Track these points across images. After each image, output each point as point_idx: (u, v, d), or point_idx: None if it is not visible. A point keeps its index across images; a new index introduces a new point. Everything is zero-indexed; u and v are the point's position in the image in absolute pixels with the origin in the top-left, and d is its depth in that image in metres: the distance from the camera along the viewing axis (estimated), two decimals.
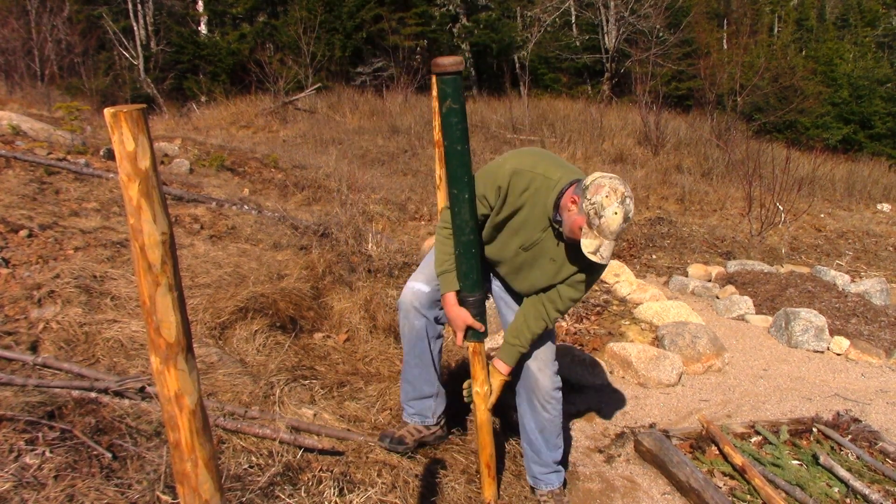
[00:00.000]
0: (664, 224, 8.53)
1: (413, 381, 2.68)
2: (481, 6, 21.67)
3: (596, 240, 2.12)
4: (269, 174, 8.13)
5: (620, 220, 2.08)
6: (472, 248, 2.27)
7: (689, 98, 21.06)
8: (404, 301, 2.58)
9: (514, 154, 2.36)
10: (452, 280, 2.37)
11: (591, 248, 2.12)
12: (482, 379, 2.46)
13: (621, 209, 2.07)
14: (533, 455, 2.73)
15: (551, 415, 2.63)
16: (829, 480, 3.07)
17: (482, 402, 2.46)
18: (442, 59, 2.03)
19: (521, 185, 2.27)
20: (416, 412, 2.70)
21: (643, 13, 20.25)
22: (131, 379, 2.63)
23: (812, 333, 5.05)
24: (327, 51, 18.37)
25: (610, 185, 2.09)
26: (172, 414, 1.17)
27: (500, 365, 2.50)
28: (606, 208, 2.07)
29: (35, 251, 3.66)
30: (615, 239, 2.12)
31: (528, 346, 2.48)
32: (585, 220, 2.11)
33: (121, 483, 2.10)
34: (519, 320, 2.48)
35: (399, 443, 2.58)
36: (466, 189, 2.19)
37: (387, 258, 5.20)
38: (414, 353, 2.62)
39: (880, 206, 12.76)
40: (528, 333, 2.45)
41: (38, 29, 14.16)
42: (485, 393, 2.46)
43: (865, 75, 23.60)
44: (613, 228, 2.08)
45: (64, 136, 6.36)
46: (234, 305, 3.49)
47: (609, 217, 2.07)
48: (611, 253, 2.13)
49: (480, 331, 2.40)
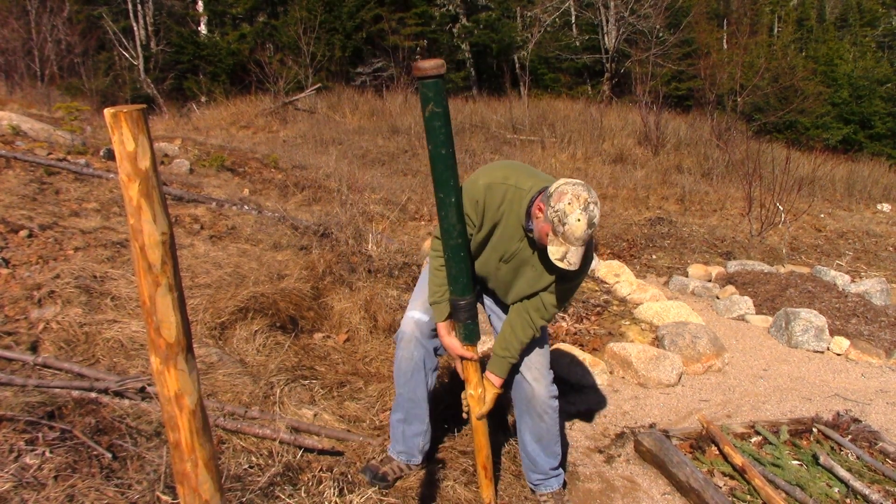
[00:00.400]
0: (664, 224, 8.53)
1: (405, 418, 2.64)
2: (481, 6, 21.67)
3: (562, 246, 2.12)
4: (269, 174, 8.13)
5: (584, 227, 2.08)
6: (460, 252, 2.27)
7: (689, 98, 21.06)
8: (405, 332, 2.55)
9: (485, 169, 2.39)
10: (445, 310, 2.40)
11: (557, 254, 2.13)
12: (475, 381, 2.44)
13: (584, 216, 2.08)
14: (530, 464, 2.74)
15: (548, 423, 2.63)
16: (829, 480, 3.07)
17: (476, 405, 2.45)
18: (423, 62, 2.01)
19: (497, 198, 2.30)
20: (404, 450, 2.66)
21: (643, 13, 20.25)
22: (131, 379, 2.63)
23: (812, 333, 5.05)
24: (327, 51, 18.37)
25: (573, 192, 2.09)
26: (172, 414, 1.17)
27: (493, 378, 2.49)
28: (569, 215, 2.07)
29: (35, 251, 3.66)
30: (582, 245, 2.12)
31: (517, 357, 2.48)
32: (551, 227, 2.12)
33: (121, 483, 2.10)
34: (506, 331, 2.48)
35: (382, 479, 2.57)
36: (452, 193, 2.18)
37: (387, 258, 5.20)
38: (409, 385, 2.59)
39: (880, 206, 12.76)
40: (517, 343, 2.45)
41: (38, 29, 14.16)
42: (479, 396, 2.45)
43: (865, 75, 23.60)
44: (578, 235, 2.09)
45: (64, 136, 6.36)
46: (234, 305, 3.49)
47: (573, 224, 2.08)
48: (579, 258, 2.13)
49: (474, 359, 2.40)
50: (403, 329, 2.56)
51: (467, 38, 21.08)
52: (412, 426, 2.63)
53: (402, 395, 2.61)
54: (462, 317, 2.35)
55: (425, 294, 2.54)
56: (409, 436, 2.64)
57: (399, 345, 2.58)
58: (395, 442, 2.68)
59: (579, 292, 5.49)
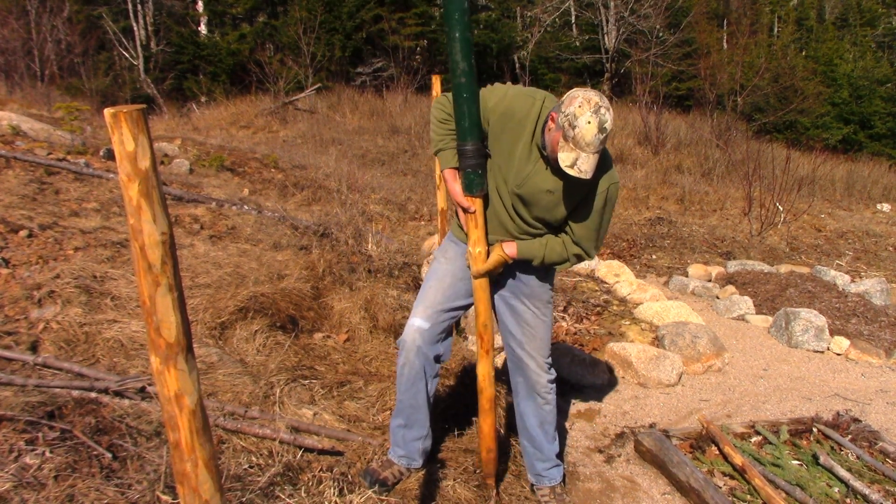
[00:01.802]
0: (664, 224, 8.53)
1: (406, 423, 2.62)
2: (481, 6, 21.68)
3: (572, 153, 2.06)
4: (268, 174, 8.13)
5: (595, 130, 2.02)
6: (462, 93, 2.19)
7: (689, 98, 21.07)
8: (406, 340, 2.52)
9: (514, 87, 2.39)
10: (451, 157, 2.34)
11: (567, 161, 2.07)
12: (474, 238, 2.36)
13: (595, 118, 2.02)
14: (535, 451, 2.73)
15: (550, 405, 2.67)
16: (829, 480, 3.07)
17: (475, 263, 2.38)
18: None
19: (499, 91, 2.30)
20: (405, 454, 2.65)
21: (643, 13, 20.26)
22: (131, 379, 2.63)
23: (812, 333, 5.05)
24: (327, 51, 18.37)
25: (584, 96, 2.05)
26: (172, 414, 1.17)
27: (510, 248, 2.41)
28: (579, 118, 2.02)
29: (35, 251, 3.66)
30: (594, 152, 2.05)
31: (538, 262, 2.41)
32: (561, 133, 2.07)
33: (121, 483, 2.10)
34: (539, 242, 2.41)
35: (382, 484, 2.55)
36: (458, 27, 2.13)
37: (387, 258, 5.20)
38: (410, 392, 2.57)
39: (880, 206, 12.76)
40: (541, 254, 2.39)
41: (38, 29, 14.16)
42: (478, 254, 2.37)
43: (865, 75, 23.61)
44: (589, 139, 2.03)
45: (64, 136, 6.36)
46: (234, 305, 3.49)
47: (583, 127, 2.02)
48: (590, 167, 2.07)
49: (471, 210, 2.32)
50: (405, 337, 2.54)
51: None
52: (412, 431, 2.63)
53: (403, 401, 2.60)
54: (464, 164, 2.28)
55: (428, 299, 2.52)
56: (410, 440, 2.64)
57: (401, 352, 2.56)
58: (395, 446, 2.67)
59: (579, 292, 5.49)
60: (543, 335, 2.61)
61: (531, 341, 2.60)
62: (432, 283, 2.56)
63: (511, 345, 2.64)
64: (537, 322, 2.59)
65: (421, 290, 2.61)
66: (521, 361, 2.62)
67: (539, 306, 2.58)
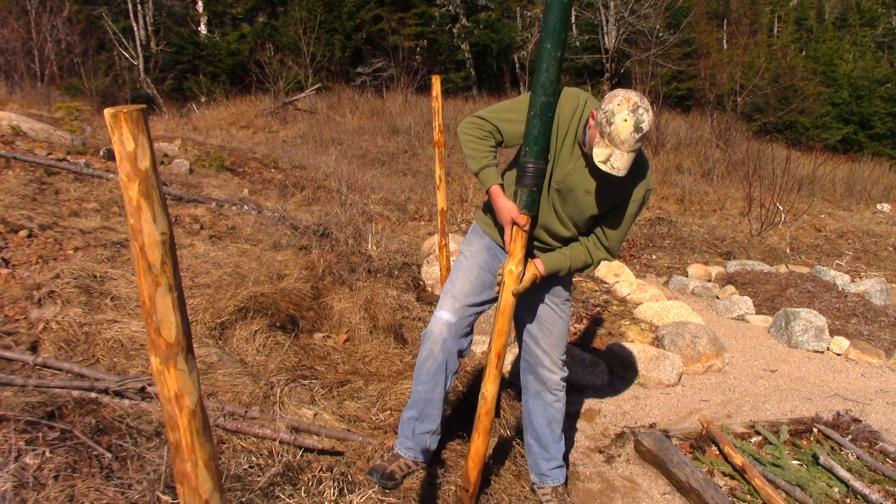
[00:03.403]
0: (664, 224, 8.53)
1: (418, 416, 2.61)
2: (481, 6, 21.68)
3: (607, 149, 2.09)
4: (268, 174, 8.13)
5: (630, 129, 2.04)
6: (548, 112, 2.19)
7: (689, 98, 21.07)
8: (433, 332, 2.51)
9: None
10: (494, 174, 2.36)
11: (601, 157, 2.09)
12: (519, 258, 2.33)
13: (632, 117, 2.04)
14: (541, 450, 2.73)
15: (560, 404, 2.68)
16: (829, 480, 3.07)
17: (512, 282, 2.34)
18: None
19: (569, 108, 2.32)
20: (413, 446, 2.64)
21: (643, 13, 20.25)
22: (131, 379, 2.63)
23: (812, 333, 5.05)
24: (327, 51, 18.38)
25: (624, 95, 2.08)
26: (172, 414, 1.17)
27: (540, 264, 2.43)
28: (616, 115, 2.04)
29: (35, 251, 3.66)
30: (629, 150, 2.07)
31: (565, 272, 2.43)
32: (599, 129, 2.10)
33: (121, 483, 2.10)
34: (563, 254, 2.43)
35: (389, 478, 2.54)
36: (559, 48, 2.11)
37: (387, 258, 5.20)
38: (428, 385, 2.55)
39: (880, 207, 12.76)
40: (567, 263, 2.42)
41: (38, 29, 14.16)
42: (518, 274, 2.34)
43: (865, 75, 23.61)
44: (624, 137, 2.05)
45: (64, 136, 6.36)
46: (234, 305, 3.49)
47: (618, 124, 2.04)
48: (625, 165, 2.08)
49: (525, 228, 2.30)
50: (431, 329, 2.51)
51: (467, 38, 21.08)
52: (423, 424, 2.62)
53: (420, 393, 2.58)
54: (528, 182, 2.26)
55: (455, 292, 2.51)
56: (419, 433, 2.63)
57: (424, 343, 2.54)
58: (403, 437, 2.66)
59: (579, 292, 5.49)
60: (560, 332, 2.62)
61: (547, 337, 2.60)
62: (459, 276, 2.56)
63: (526, 340, 2.64)
64: (555, 319, 2.59)
65: (447, 283, 2.60)
66: (535, 357, 2.62)
67: (557, 303, 2.59)
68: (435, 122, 4.02)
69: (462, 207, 8.27)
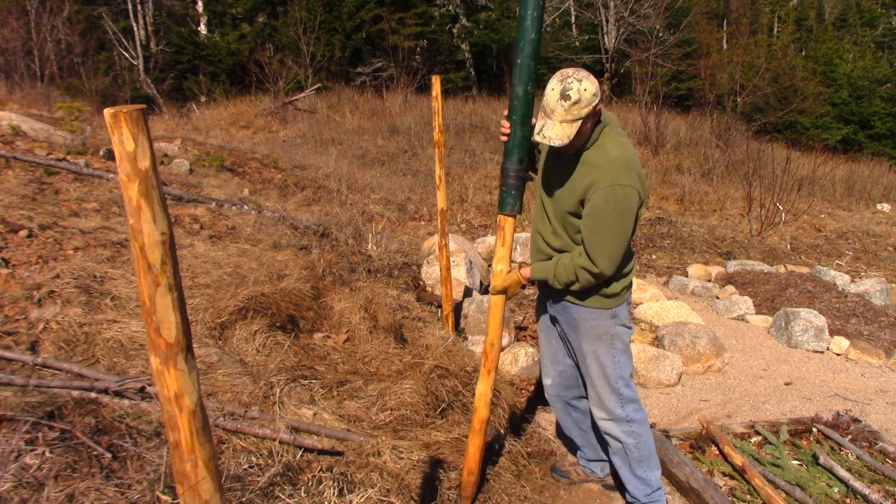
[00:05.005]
0: (664, 224, 8.53)
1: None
2: (481, 6, 21.67)
3: (541, 120, 2.15)
4: (268, 174, 8.13)
5: (557, 97, 2.09)
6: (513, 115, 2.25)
7: (689, 98, 21.07)
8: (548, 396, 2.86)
9: None
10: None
11: (537, 128, 2.16)
12: (500, 256, 2.41)
13: (559, 86, 2.09)
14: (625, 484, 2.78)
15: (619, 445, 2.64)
16: (828, 480, 3.07)
17: (496, 279, 2.43)
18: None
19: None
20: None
21: (643, 13, 20.25)
22: (131, 379, 2.63)
23: (812, 333, 5.05)
24: (327, 51, 18.37)
25: (563, 69, 2.15)
26: (172, 414, 1.17)
27: (525, 269, 2.48)
28: (548, 85, 2.12)
29: (35, 251, 3.66)
30: (560, 120, 2.10)
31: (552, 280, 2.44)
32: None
33: (121, 483, 2.10)
34: (551, 261, 2.45)
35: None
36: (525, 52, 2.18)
37: (387, 258, 5.20)
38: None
39: (880, 206, 12.76)
40: (552, 273, 2.42)
41: (38, 29, 14.16)
42: (498, 272, 2.42)
43: (865, 75, 23.61)
44: (551, 105, 2.10)
45: (64, 136, 6.36)
46: (234, 305, 3.49)
47: (547, 93, 2.11)
48: (558, 135, 2.11)
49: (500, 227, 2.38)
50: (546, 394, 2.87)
51: (467, 38, 21.07)
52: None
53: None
54: (502, 181, 2.34)
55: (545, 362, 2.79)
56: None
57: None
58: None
59: None
60: (596, 373, 2.53)
61: (588, 380, 2.59)
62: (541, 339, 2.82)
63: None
64: (588, 360, 2.54)
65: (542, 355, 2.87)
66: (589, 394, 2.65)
67: (587, 343, 2.52)
68: (435, 122, 4.02)
69: (462, 207, 8.27)
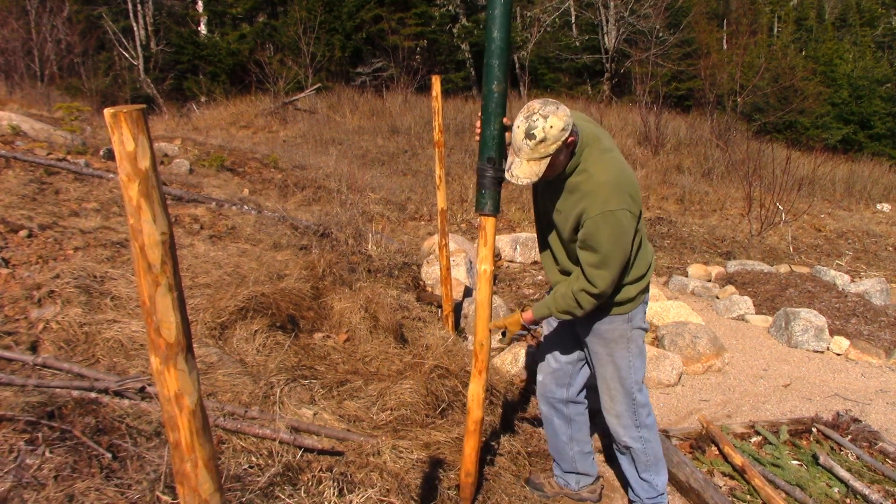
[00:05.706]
0: (664, 224, 8.53)
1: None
2: (481, 6, 21.64)
3: (511, 157, 2.14)
4: (268, 174, 8.13)
5: (522, 135, 2.08)
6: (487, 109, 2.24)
7: (689, 98, 21.07)
8: (538, 395, 2.85)
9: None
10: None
11: (507, 165, 2.16)
12: (482, 256, 2.36)
13: (524, 123, 2.08)
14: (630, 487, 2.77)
15: (629, 456, 2.66)
16: (828, 480, 3.07)
17: (480, 280, 2.38)
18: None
19: None
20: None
21: (643, 13, 20.25)
22: (131, 379, 2.63)
23: (812, 333, 5.05)
24: (327, 51, 18.37)
25: (530, 104, 2.12)
26: (172, 414, 1.17)
27: (527, 312, 2.48)
28: (514, 121, 2.11)
29: (35, 251, 3.66)
30: (528, 158, 2.09)
31: (556, 313, 2.42)
32: None
33: (121, 483, 2.10)
34: (550, 296, 2.44)
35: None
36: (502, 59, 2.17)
37: (387, 258, 5.20)
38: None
39: (880, 206, 12.76)
40: (553, 305, 2.40)
41: (38, 29, 14.16)
42: (482, 272, 2.37)
43: (865, 75, 23.61)
44: (518, 144, 2.10)
45: (64, 136, 6.36)
46: (234, 305, 3.49)
47: (514, 131, 2.11)
48: (525, 174, 2.10)
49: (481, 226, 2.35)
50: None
51: (467, 38, 21.06)
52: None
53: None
54: (477, 181, 2.34)
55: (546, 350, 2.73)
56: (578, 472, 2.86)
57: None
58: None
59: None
60: (611, 376, 2.51)
61: (601, 382, 2.57)
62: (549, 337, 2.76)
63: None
64: (603, 362, 2.52)
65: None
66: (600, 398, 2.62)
67: (602, 345, 2.50)
68: (435, 122, 4.02)
69: (462, 207, 8.27)
